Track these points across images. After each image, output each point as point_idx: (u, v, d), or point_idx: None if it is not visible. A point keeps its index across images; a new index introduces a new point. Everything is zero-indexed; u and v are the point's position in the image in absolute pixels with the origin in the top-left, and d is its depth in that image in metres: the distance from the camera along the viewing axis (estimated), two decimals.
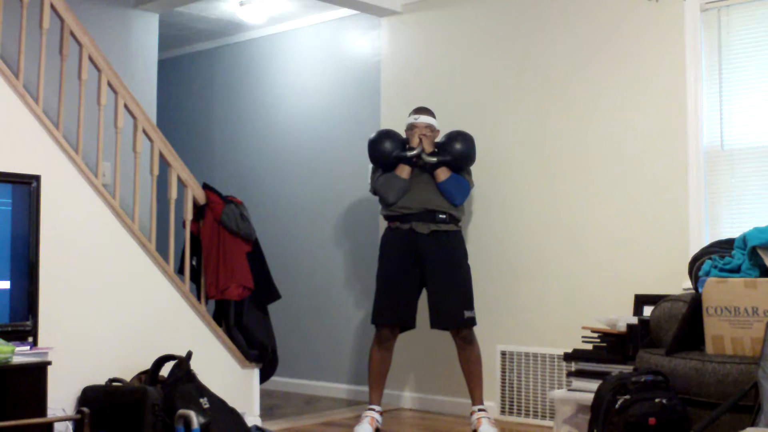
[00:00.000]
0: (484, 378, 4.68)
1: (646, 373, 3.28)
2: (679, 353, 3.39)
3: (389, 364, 4.70)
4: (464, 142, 4.67)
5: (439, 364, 5.18)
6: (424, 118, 4.70)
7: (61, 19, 4.17)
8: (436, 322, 4.63)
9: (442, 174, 4.61)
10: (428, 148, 4.63)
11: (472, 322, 4.58)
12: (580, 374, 3.96)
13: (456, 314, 4.54)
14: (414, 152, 4.61)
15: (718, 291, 3.39)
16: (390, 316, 4.63)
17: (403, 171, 4.62)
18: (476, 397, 4.61)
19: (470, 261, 4.72)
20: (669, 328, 3.56)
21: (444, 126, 4.84)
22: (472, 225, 5.14)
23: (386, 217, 4.72)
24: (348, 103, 5.88)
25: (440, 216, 4.61)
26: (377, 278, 4.72)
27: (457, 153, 4.64)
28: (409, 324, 4.68)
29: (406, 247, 4.61)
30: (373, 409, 4.60)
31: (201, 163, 6.31)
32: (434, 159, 4.60)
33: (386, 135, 4.72)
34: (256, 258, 4.67)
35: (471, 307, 4.59)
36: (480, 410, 4.55)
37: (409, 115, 4.75)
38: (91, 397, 3.91)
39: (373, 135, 4.76)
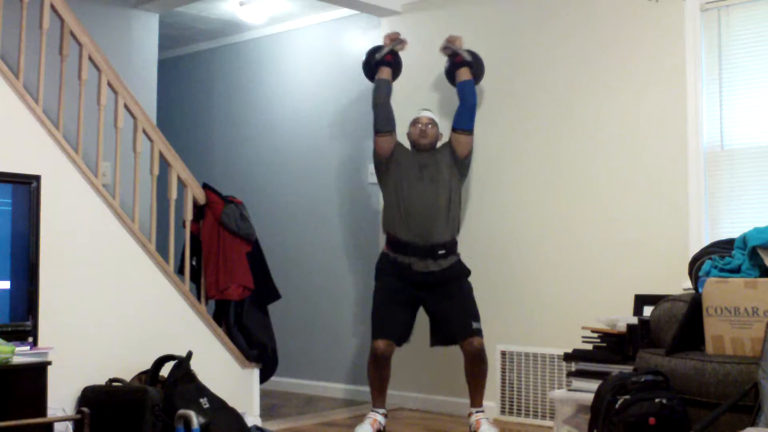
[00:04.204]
0: None
1: (646, 373, 3.28)
2: (679, 353, 3.38)
3: (389, 374, 4.66)
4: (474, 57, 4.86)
5: (439, 364, 5.17)
6: (426, 112, 4.77)
7: (61, 19, 4.16)
8: (440, 341, 4.62)
9: (465, 74, 4.78)
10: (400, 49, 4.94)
11: (479, 332, 4.51)
12: (580, 374, 3.95)
13: (463, 327, 4.50)
14: (385, 50, 4.88)
15: (718, 291, 3.38)
16: (387, 335, 4.57)
17: (383, 72, 4.87)
18: (476, 401, 4.58)
19: (470, 261, 4.72)
20: (669, 328, 3.55)
21: (444, 126, 4.85)
22: (472, 225, 5.13)
23: (387, 239, 4.69)
24: (348, 103, 5.87)
25: (440, 252, 4.58)
26: (374, 297, 4.70)
27: (474, 57, 4.82)
28: (405, 341, 4.66)
29: (403, 279, 4.60)
30: (377, 411, 4.59)
31: (201, 163, 6.31)
32: (465, 53, 4.80)
33: (372, 50, 4.97)
34: (256, 258, 4.67)
35: (477, 320, 4.54)
36: (478, 411, 4.54)
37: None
38: (91, 397, 3.91)
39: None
